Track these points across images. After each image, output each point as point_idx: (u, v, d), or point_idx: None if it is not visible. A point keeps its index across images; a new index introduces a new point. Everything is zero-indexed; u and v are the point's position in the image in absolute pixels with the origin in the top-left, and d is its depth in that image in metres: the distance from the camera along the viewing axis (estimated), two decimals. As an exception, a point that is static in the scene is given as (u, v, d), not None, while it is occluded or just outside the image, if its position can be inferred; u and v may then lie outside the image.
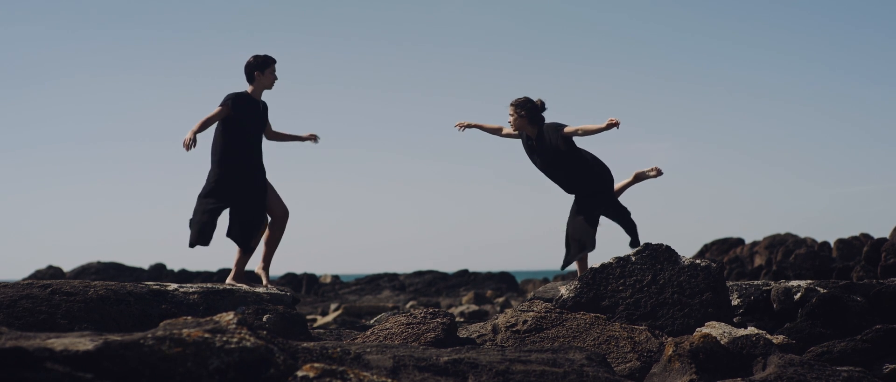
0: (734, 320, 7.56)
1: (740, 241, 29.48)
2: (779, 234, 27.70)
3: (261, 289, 7.33)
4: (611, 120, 7.81)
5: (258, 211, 7.64)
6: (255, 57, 7.73)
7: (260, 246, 7.84)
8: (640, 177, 8.76)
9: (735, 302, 7.94)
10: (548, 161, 8.27)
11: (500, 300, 23.42)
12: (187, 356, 3.56)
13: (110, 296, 6.37)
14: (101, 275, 30.67)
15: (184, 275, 32.80)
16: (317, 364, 3.76)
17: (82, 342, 3.49)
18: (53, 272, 31.71)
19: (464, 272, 32.89)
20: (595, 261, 7.64)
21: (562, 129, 8.14)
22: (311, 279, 32.44)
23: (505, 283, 31.58)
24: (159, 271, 33.20)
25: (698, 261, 7.35)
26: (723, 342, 5.76)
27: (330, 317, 18.66)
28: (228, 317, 3.93)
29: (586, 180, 8.31)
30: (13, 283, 6.35)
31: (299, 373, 3.68)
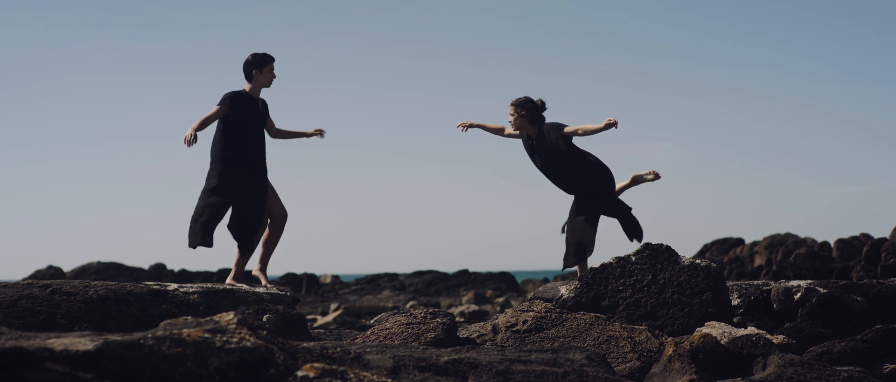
0: (734, 320, 7.56)
1: (740, 241, 29.48)
2: (779, 234, 27.70)
3: (261, 289, 7.33)
4: (609, 120, 7.81)
5: (258, 211, 7.62)
6: (254, 55, 7.72)
7: (258, 247, 7.82)
8: (637, 181, 8.76)
9: (735, 301, 7.94)
10: (548, 161, 8.27)
11: (500, 300, 23.41)
12: (187, 356, 3.56)
13: (110, 296, 6.37)
14: (101, 275, 30.67)
15: (184, 275, 32.80)
16: (317, 364, 3.76)
17: (82, 342, 3.50)
18: (53, 272, 31.71)
19: (464, 272, 32.89)
20: (595, 261, 7.65)
21: (562, 129, 8.14)
22: (311, 279, 32.44)
23: (505, 283, 31.58)
24: (159, 271, 33.20)
25: (698, 261, 7.35)
26: (723, 342, 5.76)
27: (330, 317, 18.66)
28: (228, 317, 3.93)
29: (586, 180, 8.30)
30: (13, 283, 6.34)
31: (299, 373, 3.68)
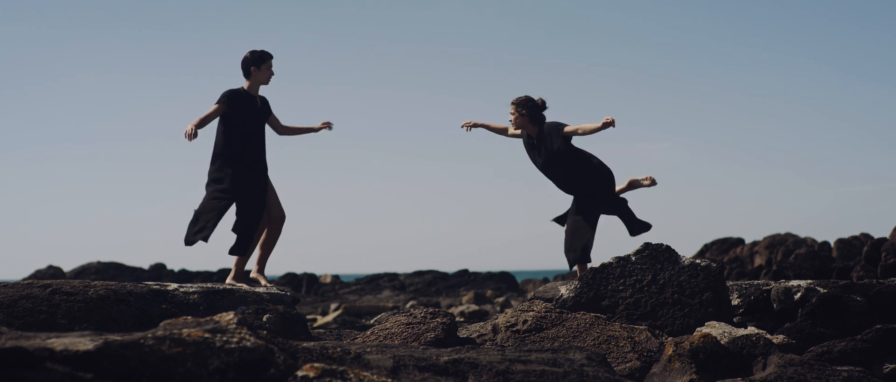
0: (734, 320, 7.56)
1: (740, 241, 29.47)
2: (779, 234, 27.69)
3: (261, 289, 7.33)
4: (606, 119, 7.82)
5: (258, 209, 7.61)
6: (252, 52, 7.71)
7: (256, 248, 7.80)
8: (634, 185, 8.76)
9: (735, 301, 7.94)
10: (548, 160, 8.27)
11: (500, 300, 23.41)
12: (187, 356, 3.56)
13: (110, 296, 6.37)
14: (101, 275, 30.67)
15: (184, 275, 32.80)
16: (317, 364, 3.76)
17: (82, 342, 3.50)
18: (53, 272, 31.71)
19: (464, 272, 32.88)
20: (595, 261, 7.65)
21: (562, 129, 8.14)
22: (311, 279, 32.43)
23: (505, 283, 31.57)
24: (159, 271, 33.20)
25: (698, 261, 7.35)
26: (723, 342, 5.76)
27: (330, 317, 18.66)
28: (228, 317, 3.93)
29: (586, 180, 8.30)
30: (13, 283, 6.35)
31: (299, 373, 3.68)
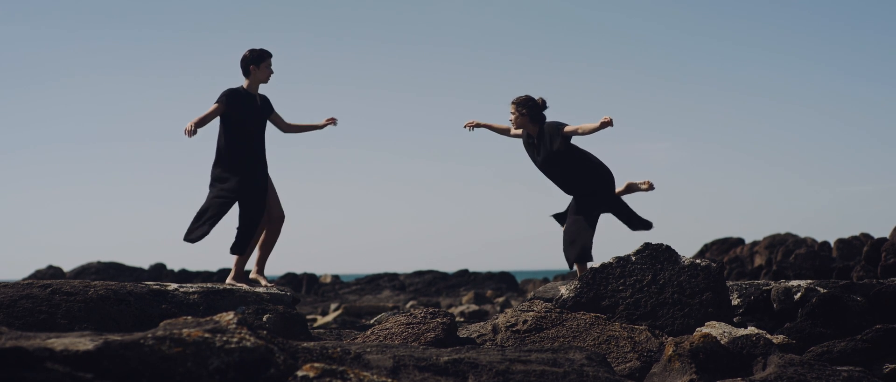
0: (734, 320, 7.56)
1: (740, 241, 29.48)
2: (779, 234, 27.70)
3: (261, 289, 7.33)
4: (604, 118, 7.83)
5: (259, 208, 7.60)
6: (251, 51, 7.71)
7: (255, 249, 7.79)
8: (632, 188, 8.77)
9: (735, 301, 7.94)
10: (547, 159, 8.28)
11: (500, 300, 23.41)
12: (187, 356, 3.56)
13: (110, 296, 6.37)
14: (101, 275, 30.67)
15: (184, 275, 32.81)
16: (317, 364, 3.76)
17: (82, 342, 3.50)
18: (53, 272, 31.72)
19: (464, 272, 32.88)
20: (595, 261, 7.65)
21: (562, 129, 8.15)
22: (311, 279, 32.44)
23: (505, 283, 31.58)
24: (159, 271, 33.20)
25: (698, 261, 7.35)
26: (723, 342, 5.76)
27: (330, 317, 18.67)
28: (228, 317, 3.93)
29: (585, 180, 8.31)
30: (13, 283, 6.35)
31: (299, 373, 3.68)
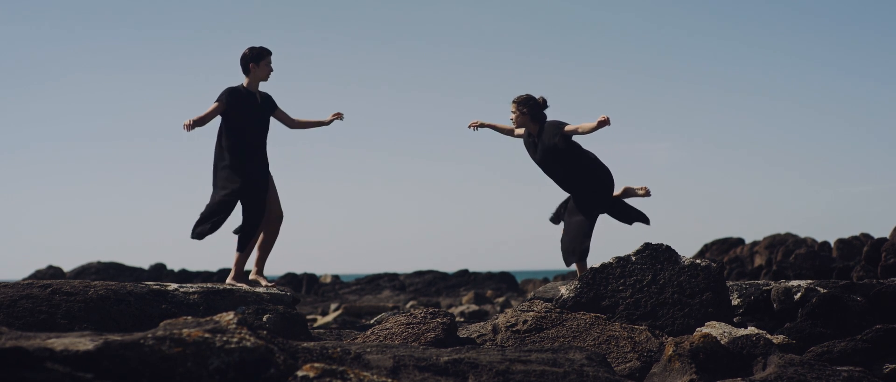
0: (734, 320, 7.56)
1: (740, 241, 29.48)
2: (779, 234, 27.71)
3: (261, 289, 7.33)
4: (601, 117, 7.84)
5: (259, 207, 7.60)
6: (251, 48, 7.70)
7: (254, 250, 7.78)
8: (628, 193, 8.78)
9: (735, 301, 7.94)
10: (547, 157, 8.29)
11: (501, 300, 23.42)
12: (187, 356, 3.56)
13: (110, 296, 6.37)
14: (101, 275, 30.66)
15: (184, 275, 32.80)
16: (317, 364, 3.76)
17: (82, 342, 3.50)
18: (53, 272, 31.71)
19: (464, 272, 32.87)
20: (595, 261, 7.65)
21: (563, 128, 8.16)
22: (311, 279, 32.43)
23: (505, 283, 31.56)
24: (159, 271, 33.20)
25: (698, 261, 7.35)
26: (723, 342, 5.76)
27: (330, 317, 18.67)
28: (228, 317, 3.93)
29: (584, 178, 8.32)
30: (13, 283, 6.35)
31: (299, 373, 3.68)
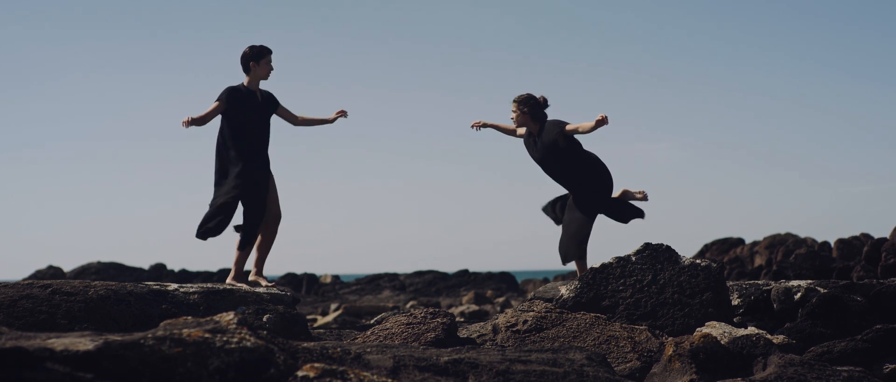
0: (734, 320, 7.56)
1: (740, 241, 29.49)
2: (779, 234, 27.71)
3: (261, 290, 7.33)
4: (599, 117, 7.85)
5: (260, 206, 7.60)
6: (251, 47, 7.70)
7: (252, 251, 7.77)
8: (627, 196, 8.79)
9: (735, 301, 7.94)
10: (547, 157, 8.30)
11: (501, 300, 23.42)
12: (187, 356, 3.56)
13: (110, 296, 6.37)
14: (101, 275, 30.67)
15: (184, 275, 32.81)
16: (317, 364, 3.76)
17: (82, 342, 3.50)
18: (53, 272, 31.72)
19: (464, 272, 32.88)
20: (595, 261, 7.65)
21: (563, 127, 8.17)
22: (311, 279, 32.44)
23: (505, 283, 31.57)
24: (159, 271, 33.21)
25: (698, 261, 7.35)
26: (723, 342, 5.76)
27: (330, 317, 18.67)
28: (229, 317, 3.93)
29: (585, 178, 8.33)
30: (13, 283, 6.35)
31: (300, 373, 3.68)
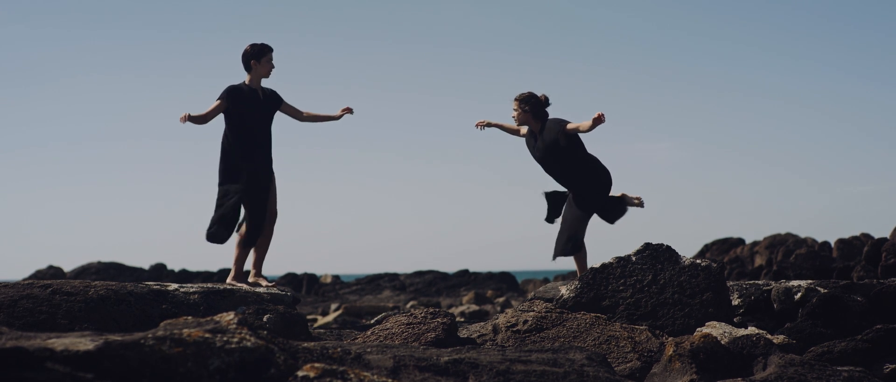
0: (735, 320, 7.57)
1: (741, 241, 29.50)
2: (779, 234, 27.73)
3: (261, 290, 7.33)
4: (596, 115, 7.87)
5: (261, 205, 7.60)
6: (252, 45, 7.70)
7: (250, 252, 7.76)
8: (624, 200, 8.78)
9: (735, 301, 7.95)
10: (548, 156, 8.31)
11: (501, 300, 23.43)
12: (188, 356, 3.57)
13: (111, 296, 6.37)
14: (101, 275, 30.69)
15: (184, 275, 32.82)
16: (317, 364, 3.76)
17: (83, 342, 3.50)
18: (54, 272, 31.74)
19: (464, 272, 32.89)
20: (595, 261, 7.65)
21: (564, 125, 8.18)
22: (311, 279, 32.46)
23: (505, 283, 31.58)
24: (160, 271, 33.22)
25: (699, 261, 7.35)
26: (723, 342, 5.76)
27: (330, 317, 18.67)
28: (229, 317, 3.93)
29: (584, 178, 8.34)
30: (13, 283, 6.35)
31: (300, 373, 3.68)
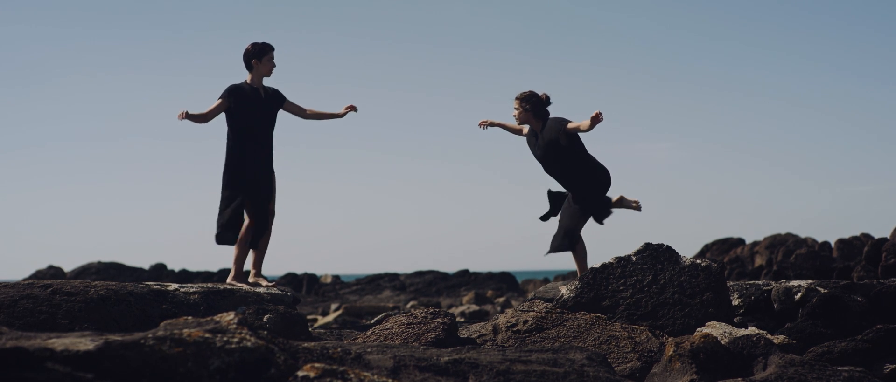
0: (735, 320, 7.57)
1: (741, 241, 29.51)
2: (779, 234, 27.74)
3: (261, 290, 7.33)
4: (593, 114, 7.87)
5: (263, 205, 7.60)
6: (253, 44, 7.70)
7: (249, 253, 7.76)
8: (622, 202, 8.79)
9: (736, 301, 7.95)
10: (548, 155, 8.32)
11: (501, 300, 23.44)
12: (188, 356, 3.57)
13: (111, 296, 6.37)
14: (101, 275, 30.70)
15: (184, 275, 32.84)
16: (317, 364, 3.76)
17: (83, 342, 3.50)
18: (54, 272, 31.75)
19: (464, 272, 32.90)
20: (595, 261, 7.65)
21: (565, 125, 8.19)
22: (311, 279, 32.47)
23: (505, 283, 31.59)
24: (160, 271, 33.24)
25: (699, 261, 7.35)
26: (723, 342, 5.76)
27: (330, 317, 18.68)
28: (229, 317, 3.93)
29: (584, 177, 8.34)
30: (14, 283, 6.35)
31: (300, 373, 3.68)
